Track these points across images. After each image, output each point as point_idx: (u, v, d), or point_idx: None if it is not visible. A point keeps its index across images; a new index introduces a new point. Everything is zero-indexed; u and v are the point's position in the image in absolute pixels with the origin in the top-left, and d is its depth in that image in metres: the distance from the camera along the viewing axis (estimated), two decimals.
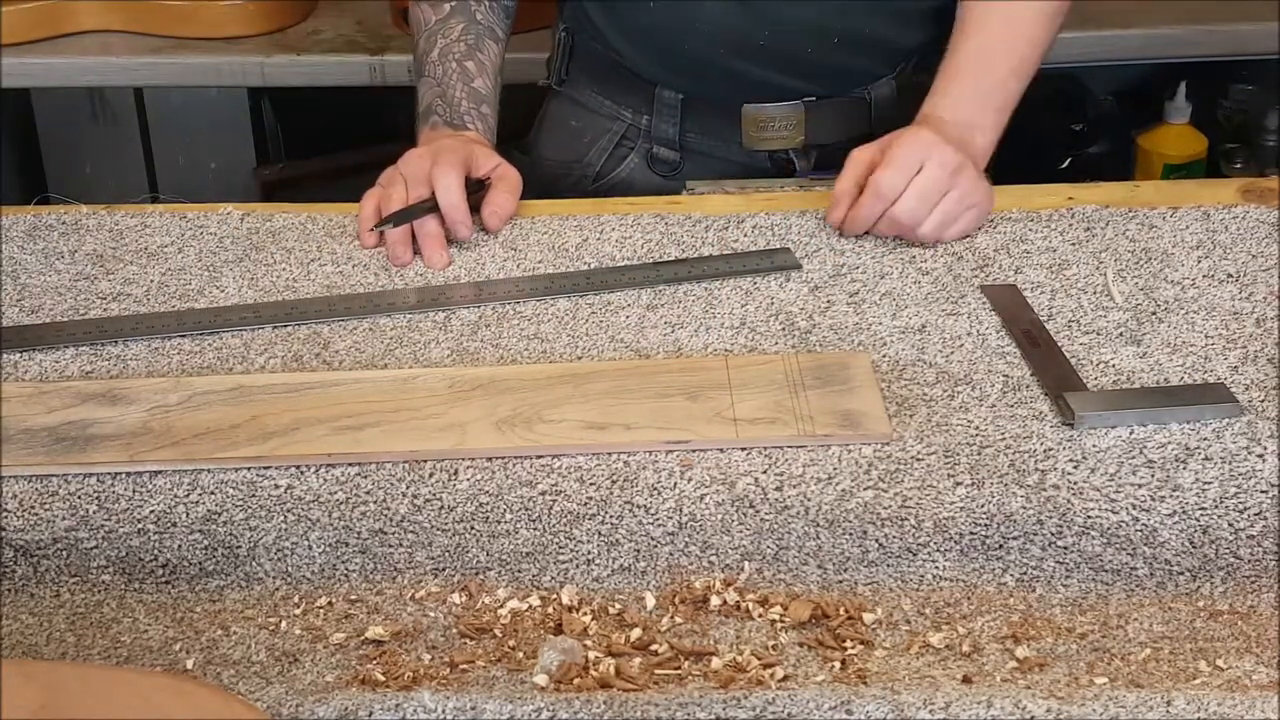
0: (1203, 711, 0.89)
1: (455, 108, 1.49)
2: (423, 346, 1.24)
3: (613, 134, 1.64)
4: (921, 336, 1.24)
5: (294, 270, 1.35)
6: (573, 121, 1.66)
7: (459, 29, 1.54)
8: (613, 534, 1.06)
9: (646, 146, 1.63)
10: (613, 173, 1.64)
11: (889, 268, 1.34)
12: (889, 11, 1.55)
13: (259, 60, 2.09)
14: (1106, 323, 1.26)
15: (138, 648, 1.01)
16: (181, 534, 1.07)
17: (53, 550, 1.06)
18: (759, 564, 1.06)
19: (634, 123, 1.63)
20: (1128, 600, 1.05)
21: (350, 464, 1.10)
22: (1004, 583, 1.06)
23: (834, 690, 0.91)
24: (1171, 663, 0.98)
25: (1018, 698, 0.90)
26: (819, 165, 1.60)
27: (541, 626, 1.02)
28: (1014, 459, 1.09)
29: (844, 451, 1.10)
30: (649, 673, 0.97)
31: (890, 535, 1.05)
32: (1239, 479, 1.07)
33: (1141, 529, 1.05)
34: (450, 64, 1.52)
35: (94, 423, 1.13)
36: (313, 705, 0.91)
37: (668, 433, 1.11)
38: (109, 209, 1.45)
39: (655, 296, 1.31)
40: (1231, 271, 1.32)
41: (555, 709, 0.90)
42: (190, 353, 1.24)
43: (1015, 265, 1.34)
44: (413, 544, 1.07)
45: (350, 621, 1.03)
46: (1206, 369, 1.19)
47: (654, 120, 1.61)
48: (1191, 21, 2.12)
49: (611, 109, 1.63)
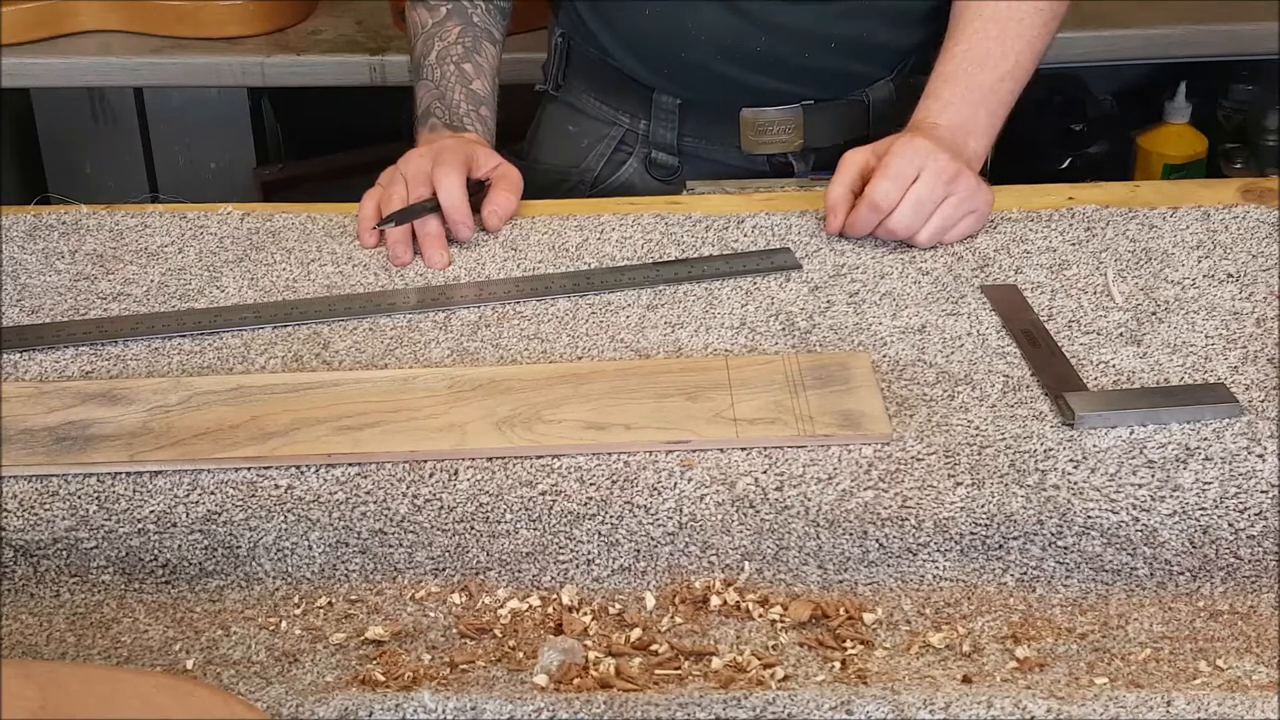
0: (1203, 711, 0.89)
1: (454, 110, 1.49)
2: (423, 346, 1.24)
3: (610, 139, 1.64)
4: (921, 336, 1.24)
5: (294, 270, 1.35)
6: (570, 127, 1.66)
7: (456, 31, 1.54)
8: (613, 534, 1.06)
9: (645, 151, 1.62)
10: (611, 177, 1.64)
11: (889, 268, 1.34)
12: (885, 14, 1.54)
13: (259, 60, 2.09)
14: (1106, 323, 1.26)
15: (138, 648, 1.01)
16: (181, 534, 1.07)
17: (53, 550, 1.06)
18: (759, 564, 1.06)
19: (631, 127, 1.62)
20: (1128, 600, 1.05)
21: (350, 464, 1.10)
22: (1004, 583, 1.06)
23: (834, 690, 0.91)
24: (1171, 663, 0.98)
25: (1018, 698, 0.90)
26: (817, 167, 1.60)
27: (541, 626, 1.02)
28: (1014, 459, 1.09)
29: (844, 451, 1.10)
30: (649, 673, 0.97)
31: (890, 535, 1.05)
32: (1239, 479, 1.07)
33: (1141, 529, 1.05)
34: (448, 66, 1.52)
35: (94, 423, 1.13)
36: (313, 705, 0.91)
37: (668, 433, 1.11)
38: (109, 209, 1.45)
39: (655, 296, 1.31)
40: (1231, 271, 1.32)
41: (555, 709, 0.90)
42: (190, 353, 1.24)
43: (1015, 265, 1.34)
44: (413, 544, 1.07)
45: (350, 621, 1.03)
46: (1206, 369, 1.19)
47: (652, 125, 1.61)
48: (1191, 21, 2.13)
49: (609, 114, 1.63)
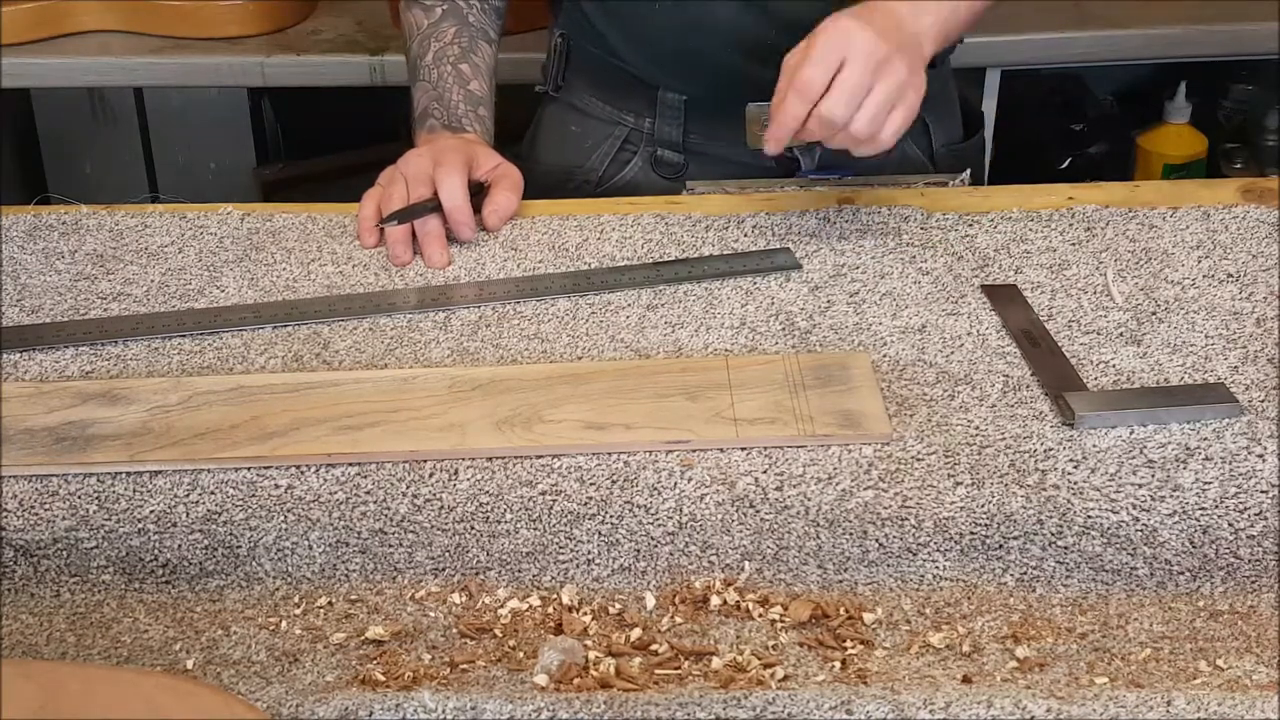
0: (1203, 711, 0.89)
1: (452, 111, 1.49)
2: (423, 346, 1.24)
3: (615, 138, 1.63)
4: (921, 336, 1.24)
5: (294, 270, 1.35)
6: (573, 127, 1.65)
7: (452, 32, 1.54)
8: (613, 534, 1.06)
9: (650, 150, 1.62)
10: (616, 177, 1.63)
11: (889, 268, 1.34)
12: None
13: (259, 60, 2.09)
14: (1106, 323, 1.26)
15: (138, 648, 1.01)
16: (181, 534, 1.07)
17: (53, 550, 1.06)
18: (759, 564, 1.06)
19: (636, 126, 1.62)
20: (1128, 600, 1.05)
21: (350, 464, 1.09)
22: (1004, 583, 1.06)
23: (834, 690, 0.91)
24: (1171, 663, 0.98)
25: (1018, 698, 0.90)
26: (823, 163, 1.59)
27: (541, 626, 1.02)
28: (1014, 459, 1.09)
29: (844, 451, 1.10)
30: (649, 673, 0.97)
31: (890, 535, 1.05)
32: (1239, 479, 1.07)
33: (1141, 529, 1.05)
34: (445, 67, 1.51)
35: (94, 423, 1.13)
36: (313, 705, 0.91)
37: (668, 433, 1.11)
38: (109, 209, 1.45)
39: (655, 296, 1.31)
40: (1231, 271, 1.32)
41: (555, 709, 0.90)
42: (190, 353, 1.24)
43: (1015, 265, 1.34)
44: (413, 544, 1.07)
45: (350, 621, 1.03)
46: (1206, 369, 1.19)
47: (657, 123, 1.60)
48: (1191, 21, 2.13)
49: (612, 113, 1.62)
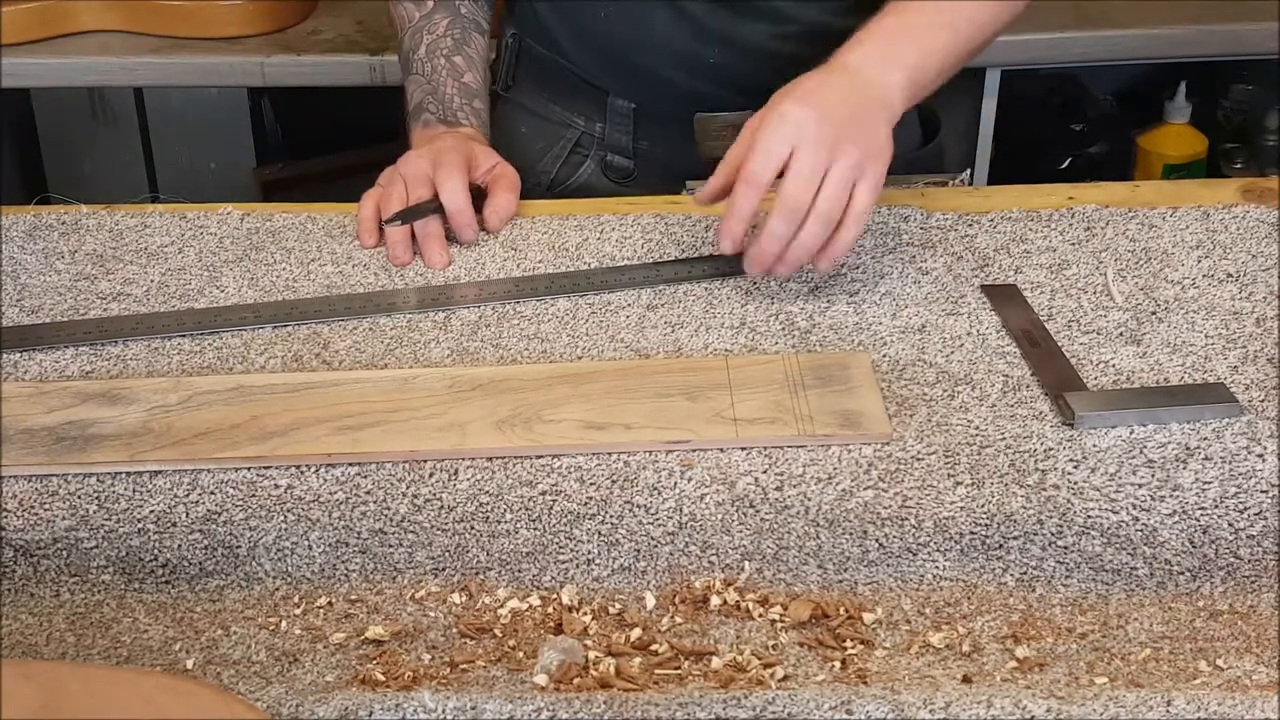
0: (1203, 711, 0.89)
1: (447, 104, 1.48)
2: (423, 346, 1.24)
3: (566, 141, 1.61)
4: (921, 336, 1.24)
5: (294, 270, 1.35)
6: (522, 129, 1.63)
7: (444, 24, 1.52)
8: (613, 534, 1.06)
9: (601, 154, 1.60)
10: (569, 179, 1.62)
11: (889, 268, 1.34)
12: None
13: (259, 60, 2.09)
14: (1106, 323, 1.26)
15: (138, 648, 1.01)
16: (181, 534, 1.07)
17: (53, 550, 1.06)
18: (759, 564, 1.06)
19: (587, 130, 1.60)
20: (1128, 600, 1.05)
21: (350, 464, 1.09)
22: (1004, 583, 1.06)
23: (834, 690, 0.91)
24: (1171, 663, 0.98)
25: (1018, 698, 0.90)
26: None
27: (541, 626, 1.02)
28: (1014, 459, 1.09)
29: (844, 451, 1.10)
30: (649, 673, 0.97)
31: (890, 535, 1.05)
32: (1239, 479, 1.07)
33: (1141, 529, 1.05)
34: (439, 60, 1.50)
35: (94, 423, 1.13)
36: (313, 705, 0.91)
37: (668, 433, 1.11)
38: (109, 209, 1.45)
39: (655, 296, 1.31)
40: (1231, 271, 1.32)
41: (555, 709, 0.90)
42: (190, 353, 1.24)
43: (1015, 265, 1.34)
44: (413, 544, 1.07)
45: (350, 621, 1.03)
46: (1206, 369, 1.19)
47: (607, 128, 1.58)
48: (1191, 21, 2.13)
49: (562, 115, 1.60)
